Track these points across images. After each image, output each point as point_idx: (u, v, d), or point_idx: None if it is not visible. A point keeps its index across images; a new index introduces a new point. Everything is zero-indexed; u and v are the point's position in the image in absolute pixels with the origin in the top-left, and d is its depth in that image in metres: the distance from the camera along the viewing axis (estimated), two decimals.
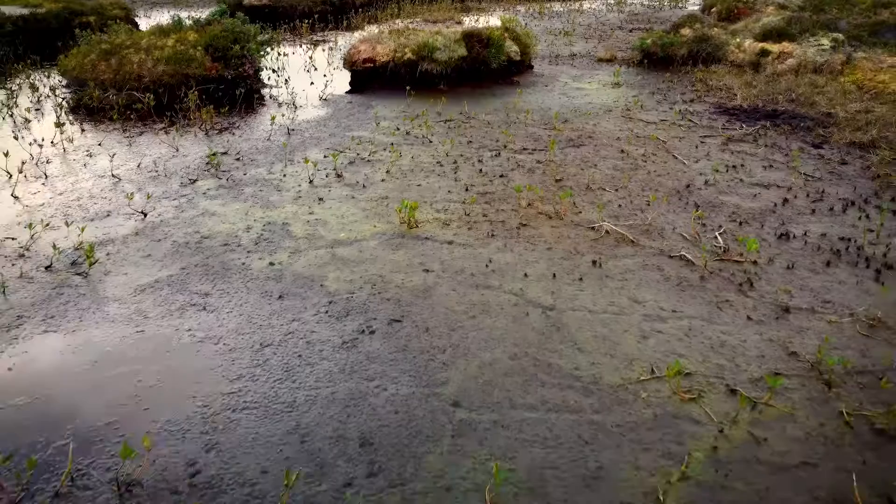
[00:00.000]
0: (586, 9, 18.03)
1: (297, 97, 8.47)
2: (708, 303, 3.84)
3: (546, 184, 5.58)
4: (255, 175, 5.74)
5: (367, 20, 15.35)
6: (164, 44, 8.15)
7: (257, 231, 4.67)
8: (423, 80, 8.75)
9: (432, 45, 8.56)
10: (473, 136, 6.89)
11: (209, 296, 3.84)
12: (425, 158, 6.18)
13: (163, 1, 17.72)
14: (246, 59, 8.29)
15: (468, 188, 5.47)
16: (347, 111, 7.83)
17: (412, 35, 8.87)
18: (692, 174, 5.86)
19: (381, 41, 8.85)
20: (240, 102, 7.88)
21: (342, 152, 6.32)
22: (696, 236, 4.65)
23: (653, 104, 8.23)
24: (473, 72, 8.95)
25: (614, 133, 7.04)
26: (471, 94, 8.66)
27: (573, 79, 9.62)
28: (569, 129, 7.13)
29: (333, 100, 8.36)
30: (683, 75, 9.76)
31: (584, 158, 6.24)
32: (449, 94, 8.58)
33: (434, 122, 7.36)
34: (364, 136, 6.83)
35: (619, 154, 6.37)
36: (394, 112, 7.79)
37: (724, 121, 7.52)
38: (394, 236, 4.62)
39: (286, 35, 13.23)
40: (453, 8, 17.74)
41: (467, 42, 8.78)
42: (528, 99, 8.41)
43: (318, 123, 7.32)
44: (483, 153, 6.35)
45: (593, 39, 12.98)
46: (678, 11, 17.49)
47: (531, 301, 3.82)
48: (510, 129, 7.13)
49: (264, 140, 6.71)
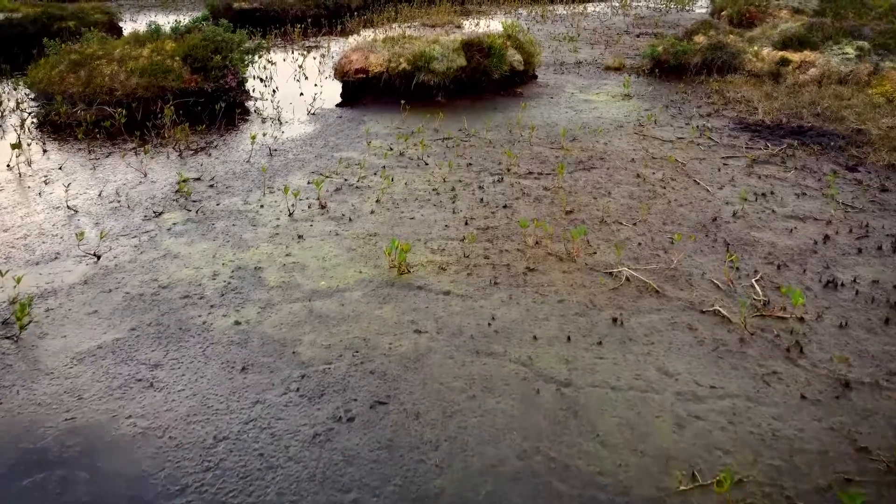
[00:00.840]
0: (590, 12, 17.42)
1: (284, 111, 7.86)
2: (752, 375, 3.23)
3: (555, 216, 4.97)
4: (228, 206, 5.13)
5: (363, 24, 14.75)
6: (139, 54, 7.54)
7: (225, 278, 4.06)
8: (419, 91, 8.14)
9: (429, 55, 7.95)
10: (473, 157, 6.28)
11: (159, 367, 3.23)
12: (420, 185, 5.57)
13: (151, 4, 17.10)
14: (228, 71, 7.68)
15: (468, 222, 4.86)
16: (337, 127, 7.22)
17: (407, 44, 8.26)
18: (717, 204, 5.25)
19: (375, 50, 8.24)
20: (220, 118, 7.26)
21: (328, 177, 5.71)
22: (729, 284, 4.04)
23: (667, 119, 7.62)
24: (473, 83, 8.35)
25: (628, 153, 6.42)
26: (471, 107, 8.05)
27: (580, 89, 9.01)
28: (578, 149, 6.52)
29: (322, 114, 7.74)
30: (698, 86, 9.15)
31: (597, 184, 5.63)
32: (447, 107, 7.97)
33: (430, 140, 6.75)
34: (353, 158, 6.22)
35: (635, 179, 5.76)
36: (387, 128, 7.17)
37: (746, 138, 6.91)
38: (382, 284, 4.01)
39: (277, 40, 12.62)
40: (453, 11, 17.15)
41: (467, 51, 8.18)
42: (533, 113, 7.80)
43: (303, 142, 6.70)
44: (484, 178, 5.74)
45: (599, 45, 12.37)
46: (685, 15, 16.90)
47: (542, 374, 3.21)
48: (514, 148, 6.52)
49: (243, 162, 6.10)
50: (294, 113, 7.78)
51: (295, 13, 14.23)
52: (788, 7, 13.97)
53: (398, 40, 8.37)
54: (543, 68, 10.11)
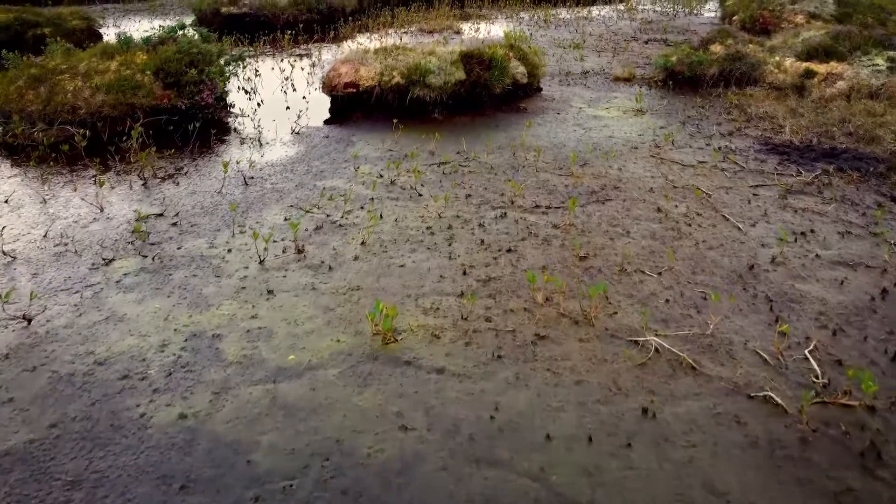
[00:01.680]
0: (595, 16, 16.75)
1: (266, 130, 7.19)
2: (822, 493, 2.57)
3: (567, 263, 4.31)
4: (191, 250, 4.46)
5: (357, 29, 14.08)
6: (107, 68, 6.88)
7: (175, 349, 3.40)
8: (413, 107, 7.48)
9: (424, 68, 7.29)
10: (473, 185, 5.61)
11: (76, 487, 2.57)
12: (412, 221, 4.91)
13: (137, 9, 16.42)
14: (204, 86, 7.02)
15: (466, 270, 4.20)
16: (322, 150, 6.55)
17: (401, 55, 7.59)
18: (752, 246, 4.58)
19: (366, 62, 7.57)
20: (194, 139, 6.59)
21: (308, 212, 5.04)
22: (778, 357, 3.38)
23: (685, 138, 6.95)
24: (473, 97, 7.68)
25: (645, 181, 5.76)
26: (470, 125, 7.38)
27: (588, 104, 8.34)
28: (589, 176, 5.86)
29: (307, 133, 7.07)
30: (715, 99, 8.48)
31: (613, 220, 4.96)
32: (444, 125, 7.30)
33: (425, 165, 6.09)
34: (338, 188, 5.55)
35: (656, 214, 5.09)
36: (377, 151, 6.51)
37: (774, 162, 6.25)
38: (363, 358, 3.34)
39: (265, 48, 11.95)
40: (452, 15, 16.48)
41: (466, 64, 7.51)
42: (538, 132, 7.14)
43: (284, 168, 6.03)
44: (485, 212, 5.08)
45: (607, 53, 11.70)
46: (693, 19, 16.24)
47: (560, 494, 2.54)
48: (518, 175, 5.85)
49: (214, 193, 5.43)
50: (277, 132, 7.11)
51: (286, 18, 13.55)
52: (804, 12, 13.30)
53: (391, 51, 7.70)
54: (548, 79, 9.43)
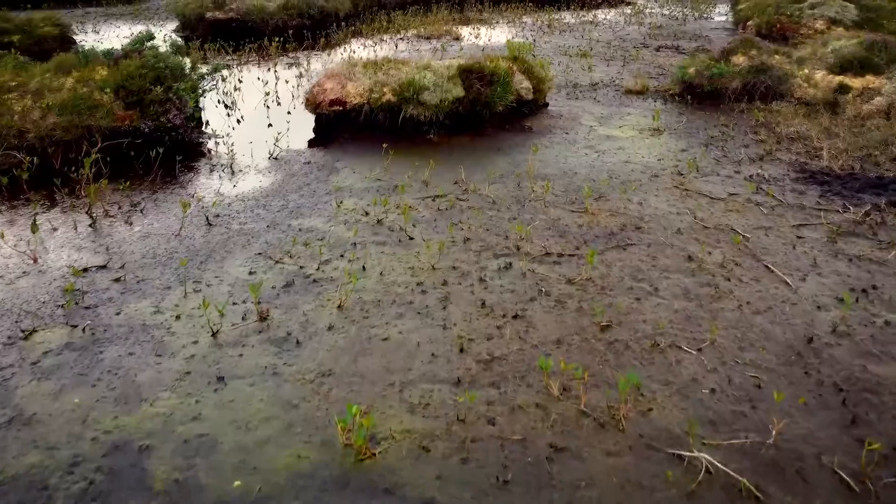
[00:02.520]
0: (601, 20, 15.99)
1: (241, 154, 6.42)
2: None
3: (586, 335, 3.55)
4: (132, 316, 3.70)
5: (351, 35, 13.32)
6: (61, 85, 6.12)
7: (88, 471, 2.64)
8: (407, 127, 6.72)
9: (419, 85, 6.53)
10: (473, 226, 4.85)
11: None
12: (401, 275, 4.15)
13: (120, 13, 15.66)
14: (171, 105, 6.26)
15: (464, 345, 3.44)
16: (302, 179, 5.78)
17: (392, 70, 6.83)
18: (806, 308, 3.82)
19: (353, 77, 6.81)
20: (157, 167, 5.83)
21: (278, 263, 4.29)
22: (865, 481, 2.62)
23: (711, 164, 6.20)
24: (473, 116, 6.92)
25: (670, 219, 5.00)
26: (469, 148, 6.61)
27: (600, 121, 7.58)
28: (606, 213, 5.10)
29: (287, 158, 6.31)
30: (738, 116, 7.72)
31: (637, 273, 4.20)
32: (440, 149, 6.54)
33: (418, 199, 5.33)
34: (316, 229, 4.79)
35: (687, 263, 4.33)
36: (364, 181, 5.74)
37: (815, 194, 5.49)
38: (329, 484, 2.59)
39: (251, 56, 11.18)
40: (451, 19, 15.74)
41: (465, 79, 6.75)
42: (546, 156, 6.37)
43: (256, 202, 5.27)
44: (487, 262, 4.32)
45: (616, 61, 10.94)
46: (704, 24, 15.49)
47: None
48: (524, 212, 5.09)
49: (171, 237, 4.67)
50: (253, 156, 6.34)
51: (275, 24, 12.79)
52: (824, 17, 12.55)
53: (382, 65, 6.94)
54: (554, 92, 8.66)
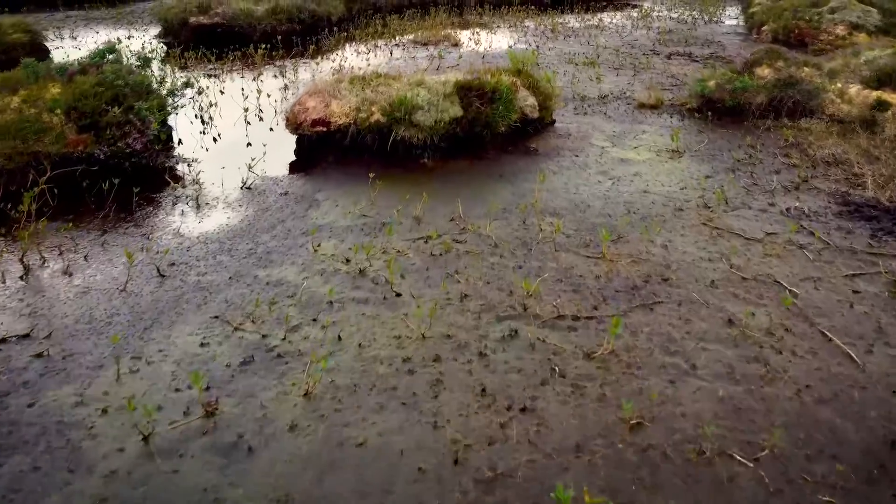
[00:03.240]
0: (607, 24, 15.26)
1: (210, 183, 5.70)
2: None
3: (612, 437, 2.83)
4: (48, 409, 2.99)
5: (344, 41, 12.60)
6: (6, 105, 5.41)
7: None
8: (398, 150, 6.00)
9: (411, 104, 5.81)
10: (471, 277, 4.13)
11: None
12: (384, 347, 3.43)
13: (102, 17, 14.93)
14: (131, 127, 5.54)
15: (459, 454, 2.72)
16: (276, 214, 5.06)
17: (382, 86, 6.11)
18: (879, 394, 3.11)
19: (338, 94, 6.09)
20: (111, 200, 5.11)
21: (237, 329, 3.57)
22: None
23: (740, 194, 5.48)
24: (472, 138, 6.20)
25: (702, 267, 4.28)
26: (468, 175, 5.89)
27: (612, 141, 6.86)
28: (626, 259, 4.38)
29: (262, 188, 5.58)
30: (765, 135, 7.00)
31: (668, 344, 3.49)
32: (435, 175, 5.82)
33: (408, 241, 4.61)
34: (287, 281, 4.07)
35: (727, 329, 3.62)
36: (347, 216, 5.02)
37: (865, 233, 4.77)
38: None
39: (235, 64, 10.46)
40: (449, 23, 15.01)
41: (463, 97, 6.03)
42: (555, 184, 5.65)
43: (220, 246, 4.55)
44: (488, 328, 3.60)
45: (626, 70, 10.21)
46: (716, 28, 14.76)
47: None
48: (531, 256, 4.37)
49: (115, 292, 3.95)
50: (224, 185, 5.62)
51: (263, 30, 12.07)
52: (845, 22, 11.84)
53: (370, 81, 6.22)
54: (561, 105, 7.93)
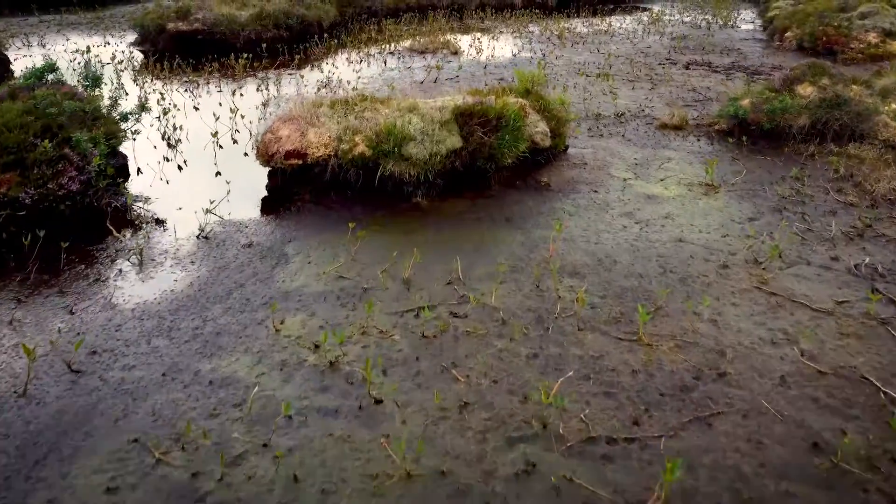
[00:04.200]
0: (617, 29, 14.34)
1: (162, 229, 4.80)
2: None
3: None
4: None
5: (335, 48, 11.69)
6: None
7: None
8: (386, 187, 5.10)
9: (401, 134, 4.91)
10: (473, 374, 3.22)
11: None
12: (354, 494, 2.53)
13: (77, 22, 14.01)
14: (67, 164, 4.64)
15: None
16: (234, 276, 4.15)
17: (368, 111, 5.21)
18: None
19: (316, 122, 5.18)
20: (34, 258, 4.21)
21: (161, 461, 2.66)
22: None
23: (794, 244, 4.57)
24: (474, 172, 5.30)
25: (764, 354, 3.38)
26: (469, 219, 4.97)
27: (635, 171, 5.95)
28: (668, 342, 3.48)
29: (222, 238, 4.67)
30: (810, 163, 6.10)
31: (739, 485, 2.58)
32: (430, 220, 4.91)
33: (395, 314, 3.71)
34: (236, 380, 3.16)
35: (814, 459, 2.71)
36: (321, 280, 4.11)
37: None
38: None
39: (213, 76, 9.55)
40: (449, 28, 14.11)
41: (463, 124, 5.13)
42: (572, 231, 4.75)
43: (159, 324, 3.64)
44: (496, 458, 2.70)
45: (642, 83, 9.31)
46: (733, 34, 13.86)
47: None
48: (548, 341, 3.47)
49: (8, 399, 3.04)
50: (177, 233, 4.71)
51: (247, 36, 11.16)
52: (878, 29, 10.94)
53: (354, 105, 5.31)
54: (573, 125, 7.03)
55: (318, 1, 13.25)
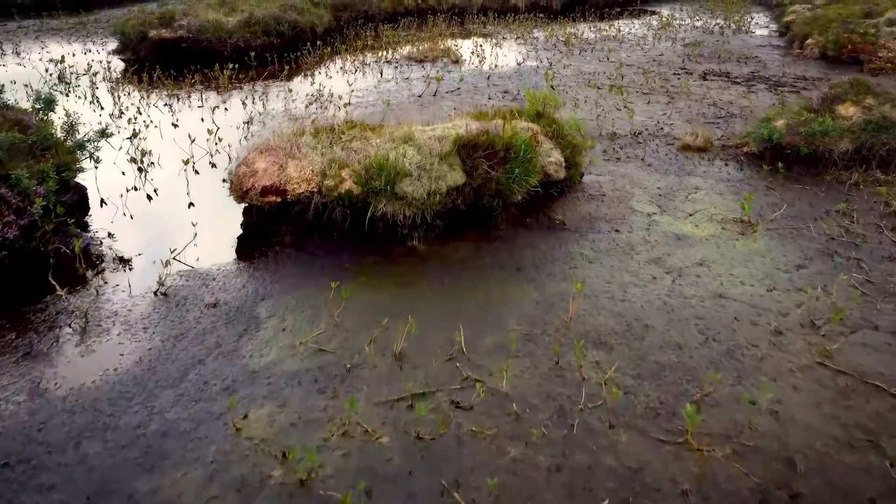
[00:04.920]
0: (626, 35, 13.66)
1: (112, 285, 4.12)
2: None
3: None
4: None
5: (329, 56, 11.01)
6: None
7: None
8: (378, 228, 4.43)
9: (395, 169, 4.24)
10: (479, 498, 2.55)
11: None
12: None
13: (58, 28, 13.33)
14: (3, 207, 3.97)
15: None
16: (193, 348, 3.48)
17: (357, 140, 4.54)
18: None
19: (296, 153, 4.51)
20: None
21: None
22: None
23: (853, 299, 3.90)
24: (479, 210, 4.63)
25: (844, 463, 2.71)
26: (473, 267, 4.29)
27: (659, 204, 5.28)
28: (721, 446, 2.80)
29: (182, 296, 3.99)
30: (855, 193, 5.42)
31: None
32: (428, 269, 4.24)
33: (382, 405, 3.03)
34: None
35: None
36: (296, 354, 3.44)
37: None
38: None
39: (195, 87, 8.86)
40: (449, 34, 13.44)
41: (466, 157, 4.45)
42: (593, 284, 4.07)
43: (92, 421, 2.96)
44: None
45: (658, 96, 8.63)
46: (748, 40, 13.18)
47: None
48: (573, 445, 2.79)
49: None
50: (132, 289, 4.04)
51: (235, 44, 10.48)
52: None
53: (340, 134, 4.64)
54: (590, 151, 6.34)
55: (312, 6, 12.58)
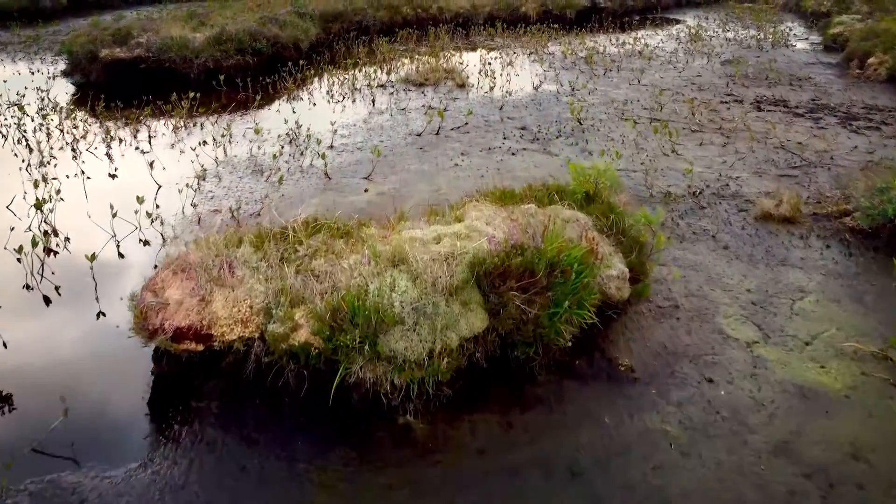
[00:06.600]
0: (653, 49, 12.06)
1: None
2: None
3: None
4: None
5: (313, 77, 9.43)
6: None
7: None
8: (352, 398, 2.87)
9: (374, 314, 2.67)
10: None
11: None
12: None
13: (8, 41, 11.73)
14: None
15: None
16: None
17: (320, 256, 2.97)
18: None
19: (227, 279, 2.95)
20: None
21: None
22: None
23: None
24: (507, 362, 3.06)
25: None
26: (500, 472, 2.70)
27: (757, 323, 3.71)
28: None
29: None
30: None
31: None
32: (427, 474, 2.67)
33: None
34: None
35: None
36: None
37: None
38: None
39: (144, 123, 7.27)
40: (453, 48, 11.88)
41: (489, 289, 2.88)
42: (691, 495, 2.51)
43: None
44: None
45: (710, 134, 7.05)
46: (790, 55, 11.63)
47: None
48: None
49: None
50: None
51: (203, 64, 8.91)
52: None
53: (294, 243, 3.07)
54: (631, 207, 4.72)
55: (297, 17, 11.02)
